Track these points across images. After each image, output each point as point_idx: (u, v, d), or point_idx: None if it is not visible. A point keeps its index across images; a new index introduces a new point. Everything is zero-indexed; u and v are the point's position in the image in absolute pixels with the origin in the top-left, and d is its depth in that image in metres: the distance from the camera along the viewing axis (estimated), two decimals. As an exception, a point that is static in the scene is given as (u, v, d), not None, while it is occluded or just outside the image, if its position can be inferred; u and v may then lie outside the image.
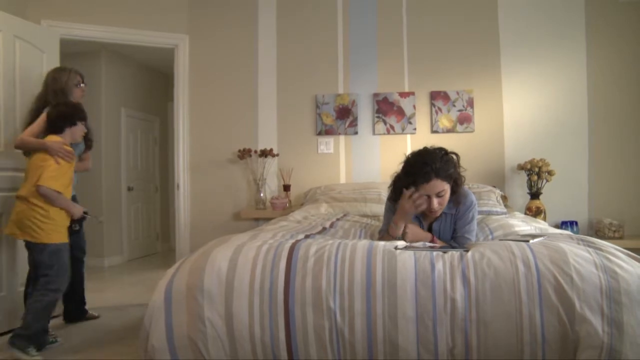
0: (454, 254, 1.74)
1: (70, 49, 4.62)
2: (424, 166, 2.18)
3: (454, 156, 2.31)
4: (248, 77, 4.61)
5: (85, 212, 3.00)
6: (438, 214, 2.33)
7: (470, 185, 3.68)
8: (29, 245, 2.85)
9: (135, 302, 4.05)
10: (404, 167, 2.31)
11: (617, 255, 1.70)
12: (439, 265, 1.67)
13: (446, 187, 2.23)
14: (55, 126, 2.90)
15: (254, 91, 4.61)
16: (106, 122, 5.91)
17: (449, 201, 2.32)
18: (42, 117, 2.97)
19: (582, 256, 1.67)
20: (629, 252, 1.77)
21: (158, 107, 7.11)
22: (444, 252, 1.75)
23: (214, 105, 4.64)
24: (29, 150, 2.93)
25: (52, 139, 2.86)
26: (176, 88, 4.66)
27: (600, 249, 1.74)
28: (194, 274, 1.74)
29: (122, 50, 6.00)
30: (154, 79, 6.98)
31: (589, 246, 1.79)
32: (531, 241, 1.85)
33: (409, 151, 4.27)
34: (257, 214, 4.37)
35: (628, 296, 1.55)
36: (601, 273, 1.60)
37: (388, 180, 4.16)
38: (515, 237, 2.06)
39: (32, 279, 2.96)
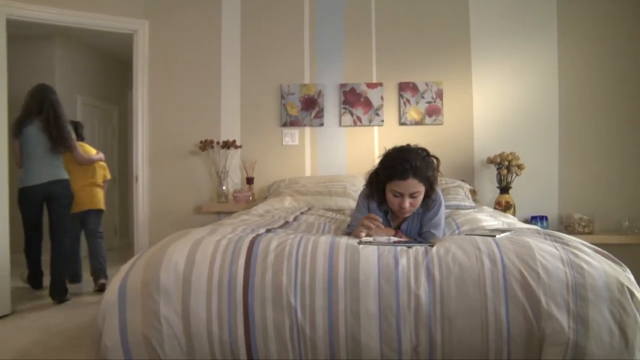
0: (419, 249, 1.75)
1: (21, 32, 4.47)
2: (404, 162, 2.17)
3: (435, 160, 2.32)
4: (211, 65, 4.55)
5: None
6: (407, 215, 2.33)
7: (439, 180, 3.72)
8: (93, 213, 4.58)
9: (89, 301, 3.97)
10: (382, 160, 2.31)
11: (583, 251, 1.72)
12: (402, 261, 1.67)
13: (421, 189, 2.22)
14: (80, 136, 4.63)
15: (217, 80, 4.55)
16: (60, 111, 5.74)
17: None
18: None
19: (548, 251, 1.69)
20: (596, 247, 1.80)
21: (117, 95, 6.97)
22: (409, 247, 1.76)
23: (175, 94, 4.56)
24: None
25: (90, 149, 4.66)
26: (135, 76, 4.56)
27: (567, 244, 1.77)
28: (150, 270, 1.71)
29: (78, 35, 5.83)
30: (112, 66, 6.83)
31: (555, 241, 1.82)
32: (498, 236, 1.87)
33: (376, 144, 4.41)
34: (219, 208, 4.33)
35: (594, 292, 1.58)
36: (567, 269, 1.62)
37: (354, 174, 4.28)
38: (482, 232, 2.08)
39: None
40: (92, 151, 4.62)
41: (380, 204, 2.38)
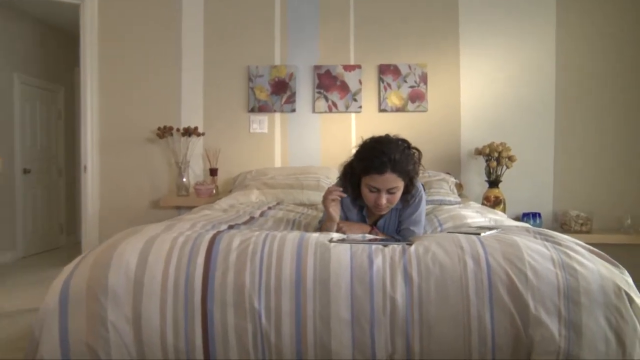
0: (396, 247, 1.76)
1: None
2: (381, 155, 2.17)
3: (416, 152, 2.33)
4: (170, 42, 4.51)
5: None
6: (384, 212, 2.34)
7: (422, 173, 3.75)
8: None
9: (29, 307, 3.91)
10: (358, 152, 2.30)
11: (577, 251, 1.74)
12: (377, 261, 1.68)
13: (400, 185, 2.23)
14: None
15: (177, 60, 4.51)
16: (-6, 90, 5.63)
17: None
18: None
19: (538, 251, 1.70)
20: (591, 247, 1.81)
21: (62, 74, 6.83)
22: (385, 246, 1.77)
23: (129, 74, 4.51)
24: None
25: None
26: (82, 52, 4.50)
27: (559, 244, 1.78)
28: (97, 271, 1.69)
29: (16, 4, 5.70)
30: (57, 40, 6.68)
31: (546, 240, 1.83)
32: (482, 234, 1.88)
33: (353, 132, 4.43)
34: (179, 202, 4.31)
35: (588, 296, 1.59)
36: (559, 270, 1.63)
37: (329, 165, 4.28)
38: (466, 230, 2.10)
39: None
40: None
41: (355, 198, 2.38)
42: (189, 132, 4.35)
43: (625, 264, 1.76)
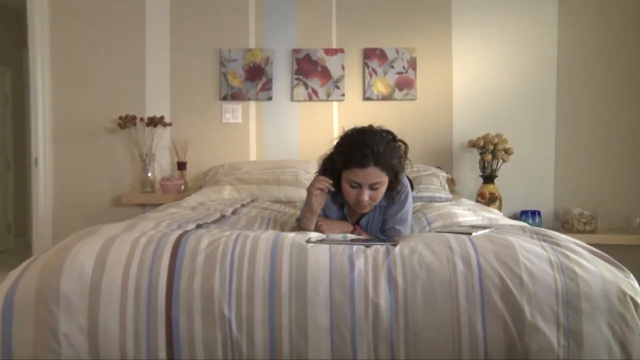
0: (379, 248, 1.76)
1: None
2: (364, 147, 2.17)
3: (402, 145, 2.33)
4: (132, 22, 4.47)
5: None
6: (366, 210, 2.34)
7: (409, 168, 3.77)
8: None
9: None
10: (339, 144, 2.31)
11: (577, 252, 1.74)
12: (359, 263, 1.68)
13: (383, 180, 2.24)
14: None
15: (140, 41, 4.47)
16: None
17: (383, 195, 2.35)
18: None
19: (534, 252, 1.71)
20: (593, 248, 1.82)
21: (8, 55, 6.75)
22: (367, 247, 1.77)
23: (86, 56, 4.46)
24: None
25: None
26: (31, 31, 4.43)
27: (558, 244, 1.79)
28: (48, 276, 1.67)
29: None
30: (1, 17, 6.61)
31: (544, 240, 1.84)
32: (474, 234, 1.89)
33: (335, 122, 4.43)
34: (143, 199, 4.29)
35: (589, 302, 1.59)
36: (557, 273, 1.64)
37: (308, 159, 4.28)
38: (456, 229, 2.11)
39: None
40: None
41: (336, 195, 2.39)
42: (154, 122, 4.32)
43: (633, 267, 1.77)
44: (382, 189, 2.26)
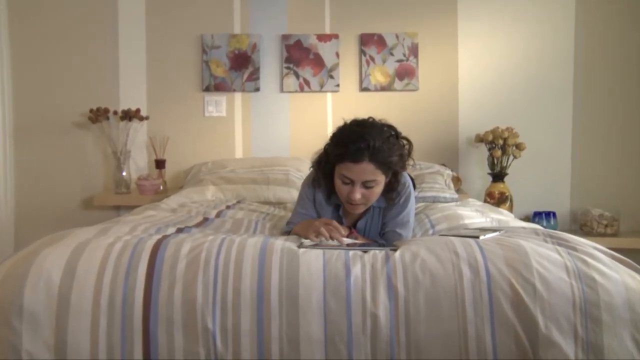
0: (377, 254, 1.77)
1: None
2: (359, 140, 2.18)
3: (406, 143, 2.34)
4: (103, 6, 4.44)
5: None
6: (358, 210, 2.35)
7: (412, 167, 3.77)
8: None
9: None
10: (334, 134, 2.32)
11: (597, 257, 1.75)
12: (356, 270, 1.69)
13: (379, 179, 2.24)
14: None
15: (113, 26, 4.45)
16: None
17: (380, 196, 2.35)
18: None
19: (549, 258, 1.72)
20: (614, 253, 1.82)
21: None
22: (364, 252, 1.78)
23: (51, 42, 4.43)
24: None
25: None
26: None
27: (575, 249, 1.80)
28: (9, 287, 1.67)
29: None
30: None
31: (559, 244, 1.85)
32: (482, 237, 1.89)
33: (329, 115, 4.43)
34: (118, 201, 4.27)
35: (610, 312, 1.60)
36: (574, 281, 1.65)
37: (299, 155, 4.27)
38: (462, 232, 2.11)
39: None
40: None
41: (330, 194, 2.39)
42: (129, 115, 4.30)
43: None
44: (377, 189, 2.27)
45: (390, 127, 2.30)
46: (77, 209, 4.47)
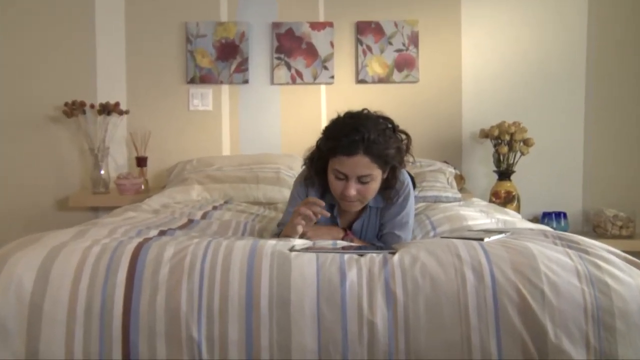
0: (375, 257, 1.77)
1: None
2: (352, 133, 2.18)
3: (404, 137, 2.34)
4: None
5: None
6: (354, 208, 2.35)
7: (413, 163, 3.77)
8: None
9: None
10: (327, 127, 2.33)
11: (610, 261, 1.75)
12: (351, 274, 1.68)
13: (375, 173, 2.24)
14: None
15: (90, 13, 4.44)
16: None
17: (378, 194, 2.36)
18: None
19: (558, 261, 1.72)
20: (630, 256, 1.82)
21: None
22: (361, 255, 1.78)
23: (22, 30, 4.42)
24: None
25: None
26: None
27: (586, 252, 1.80)
28: (-23, 294, 1.67)
29: None
30: None
31: (569, 247, 1.85)
32: (486, 239, 1.90)
33: (323, 109, 4.43)
34: (96, 201, 4.27)
35: (625, 320, 1.60)
36: (586, 286, 1.65)
37: (291, 152, 4.28)
38: (465, 234, 2.12)
39: None
40: None
41: (324, 192, 2.39)
42: (107, 109, 4.29)
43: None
44: (373, 185, 2.27)
45: (387, 119, 2.30)
46: (51, 210, 4.47)
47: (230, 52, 4.45)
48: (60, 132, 4.46)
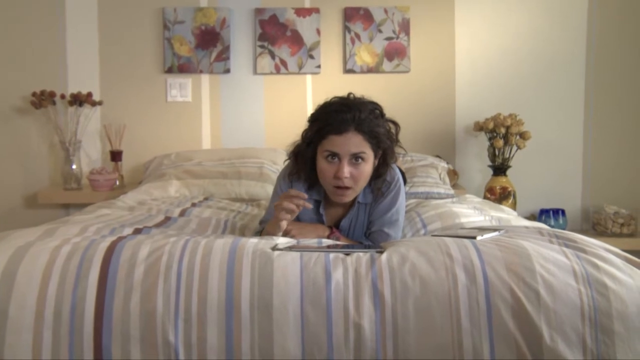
0: (361, 256, 1.77)
1: None
2: (343, 111, 2.21)
3: (394, 125, 2.36)
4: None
5: None
6: (345, 199, 2.35)
7: (402, 156, 3.76)
8: None
9: None
10: (313, 113, 2.36)
11: (608, 260, 1.76)
12: (337, 275, 1.69)
13: (367, 152, 2.25)
14: None
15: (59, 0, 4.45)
16: None
17: (367, 187, 2.36)
18: None
19: (554, 261, 1.73)
20: (630, 255, 1.83)
21: None
22: (347, 254, 1.78)
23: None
24: None
25: None
26: None
27: (584, 251, 1.81)
28: None
29: None
30: None
31: (566, 246, 1.86)
32: (479, 237, 1.90)
33: (309, 100, 4.44)
34: (67, 198, 4.25)
35: (624, 322, 1.61)
36: (583, 287, 1.66)
37: (275, 146, 4.28)
38: (457, 232, 2.12)
39: None
40: None
41: (311, 187, 2.40)
42: (78, 100, 4.27)
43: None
44: (366, 167, 2.28)
45: (375, 104, 2.33)
46: (18, 208, 4.46)
47: (211, 40, 4.44)
48: (28, 124, 4.45)
